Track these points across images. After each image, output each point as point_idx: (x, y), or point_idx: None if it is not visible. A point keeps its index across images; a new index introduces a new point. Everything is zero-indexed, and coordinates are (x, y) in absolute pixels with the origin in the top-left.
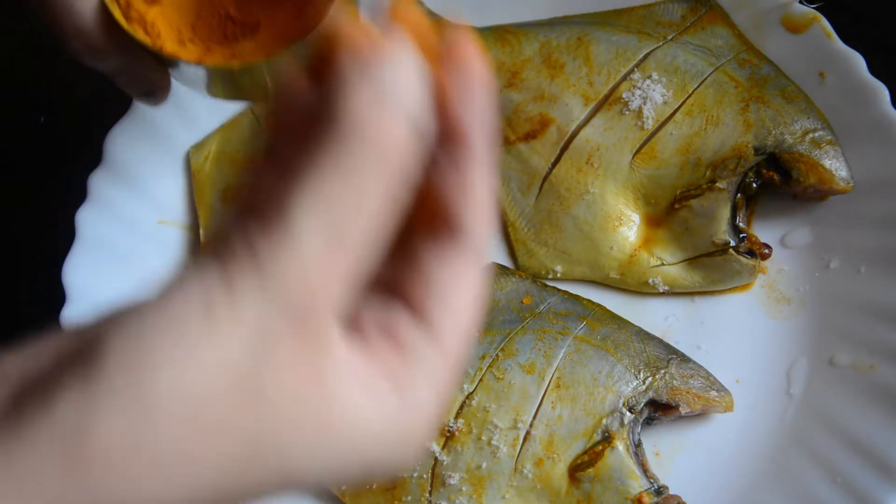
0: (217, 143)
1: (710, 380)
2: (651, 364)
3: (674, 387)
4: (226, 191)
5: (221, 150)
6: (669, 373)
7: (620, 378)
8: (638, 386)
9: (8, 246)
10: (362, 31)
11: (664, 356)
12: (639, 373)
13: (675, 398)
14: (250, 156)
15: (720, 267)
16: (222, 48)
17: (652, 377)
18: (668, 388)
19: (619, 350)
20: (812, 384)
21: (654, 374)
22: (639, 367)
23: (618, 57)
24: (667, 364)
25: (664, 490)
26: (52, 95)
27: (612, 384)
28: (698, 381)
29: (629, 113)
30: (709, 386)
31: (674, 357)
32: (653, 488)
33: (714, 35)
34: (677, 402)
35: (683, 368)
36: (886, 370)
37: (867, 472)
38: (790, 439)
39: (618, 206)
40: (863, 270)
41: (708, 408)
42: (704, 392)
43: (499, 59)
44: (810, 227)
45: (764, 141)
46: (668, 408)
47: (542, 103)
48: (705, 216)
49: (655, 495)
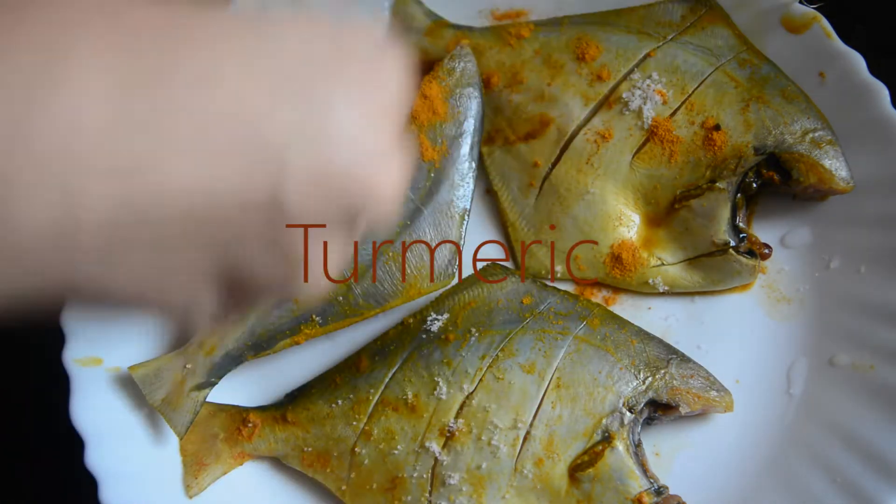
0: None
1: (710, 380)
2: (651, 364)
3: (674, 387)
4: None
5: None
6: (669, 373)
7: (620, 378)
8: (638, 386)
9: None
10: None
11: (664, 356)
12: (639, 373)
13: (675, 398)
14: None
15: (720, 267)
16: None
17: (652, 377)
18: (668, 388)
19: (619, 350)
20: (812, 384)
21: (654, 374)
22: (639, 367)
23: (618, 57)
24: (667, 364)
25: (664, 490)
26: None
27: (612, 384)
28: (698, 381)
29: (629, 113)
30: (709, 386)
31: (674, 357)
32: (653, 488)
33: (714, 35)
34: (677, 402)
35: (683, 368)
36: (886, 370)
37: (867, 472)
38: (790, 439)
39: (618, 206)
40: (863, 270)
41: (708, 408)
42: (704, 392)
43: (499, 59)
44: (810, 227)
45: (764, 141)
46: (668, 408)
47: (542, 103)
48: (705, 216)
49: (655, 495)
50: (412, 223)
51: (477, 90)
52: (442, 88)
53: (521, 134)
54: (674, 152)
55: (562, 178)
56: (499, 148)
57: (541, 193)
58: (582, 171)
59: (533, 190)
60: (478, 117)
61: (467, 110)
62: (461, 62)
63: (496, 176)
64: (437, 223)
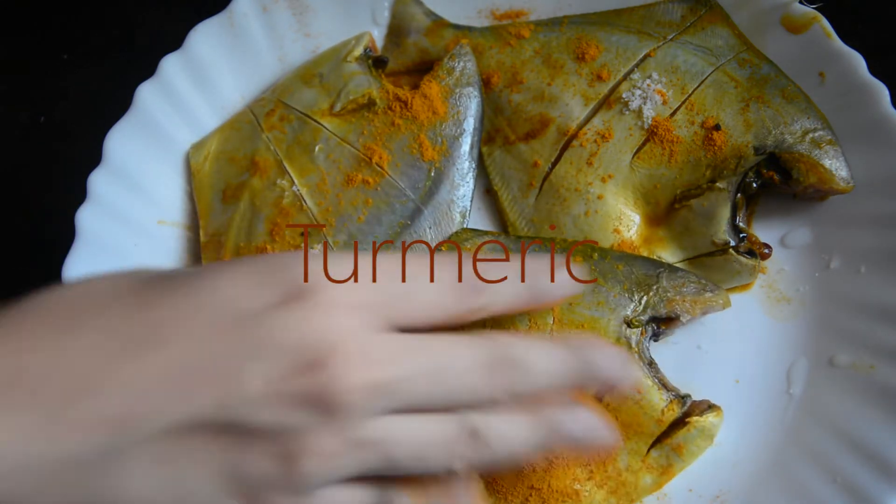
0: (217, 143)
1: (701, 283)
2: (642, 283)
3: (669, 298)
4: (225, 190)
5: (221, 150)
6: (661, 286)
7: (617, 305)
8: (635, 307)
9: (8, 246)
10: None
11: (652, 272)
12: (632, 295)
13: (674, 309)
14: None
15: (720, 267)
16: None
17: (646, 295)
18: (664, 302)
19: (608, 278)
20: (812, 384)
21: (646, 293)
22: (631, 289)
23: (618, 57)
24: (657, 279)
25: (688, 398)
26: (52, 95)
27: (611, 313)
28: (691, 288)
29: (629, 113)
30: (701, 289)
31: (662, 270)
32: (677, 397)
33: (714, 35)
34: (677, 313)
35: (673, 279)
36: (886, 370)
37: (867, 472)
38: (790, 439)
39: (618, 206)
40: (863, 270)
41: (707, 309)
42: (699, 295)
43: (499, 59)
44: (810, 227)
45: (764, 141)
46: (670, 320)
47: (542, 103)
48: (705, 216)
49: (681, 405)
50: (412, 223)
51: (477, 89)
52: (442, 88)
53: (521, 134)
54: (674, 152)
55: (562, 177)
56: (499, 148)
57: (541, 193)
58: (582, 171)
59: (533, 190)
60: (478, 117)
61: (467, 110)
62: (461, 61)
63: (496, 176)
64: (437, 223)
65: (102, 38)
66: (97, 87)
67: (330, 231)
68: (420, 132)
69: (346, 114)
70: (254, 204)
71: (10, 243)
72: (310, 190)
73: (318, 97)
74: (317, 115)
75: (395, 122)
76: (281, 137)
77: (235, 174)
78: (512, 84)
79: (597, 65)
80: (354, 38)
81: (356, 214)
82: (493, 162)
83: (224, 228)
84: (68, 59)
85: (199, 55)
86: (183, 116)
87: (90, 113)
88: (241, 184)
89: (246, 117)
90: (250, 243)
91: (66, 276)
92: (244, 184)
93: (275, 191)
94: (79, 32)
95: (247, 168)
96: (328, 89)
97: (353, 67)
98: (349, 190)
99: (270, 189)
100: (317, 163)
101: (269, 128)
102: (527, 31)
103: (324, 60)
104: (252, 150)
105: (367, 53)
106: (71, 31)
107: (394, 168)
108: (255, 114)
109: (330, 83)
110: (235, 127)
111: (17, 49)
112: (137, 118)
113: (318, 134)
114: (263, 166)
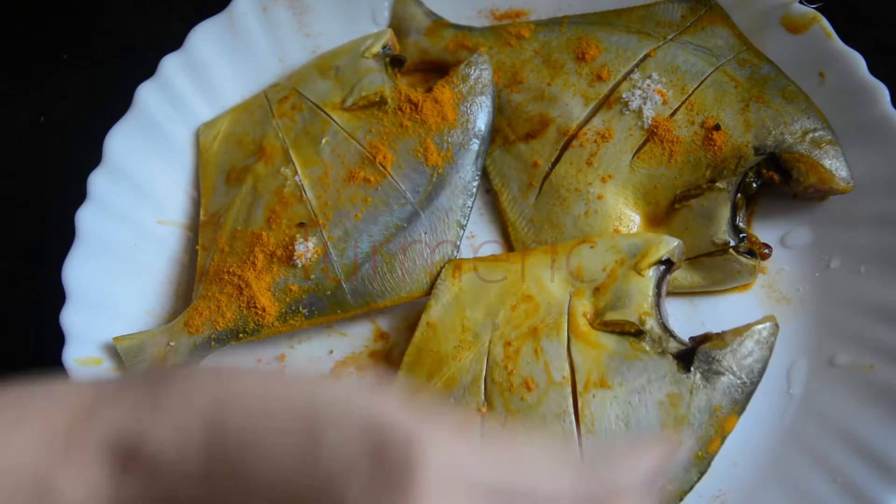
0: (228, 123)
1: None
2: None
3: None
4: (230, 172)
5: (231, 131)
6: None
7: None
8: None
9: (8, 246)
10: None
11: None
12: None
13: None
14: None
15: (720, 267)
16: None
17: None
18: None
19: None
20: (812, 384)
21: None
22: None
23: (618, 57)
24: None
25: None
26: (52, 95)
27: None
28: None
29: (629, 113)
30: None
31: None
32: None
33: (714, 35)
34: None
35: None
36: (886, 370)
37: (867, 472)
38: (790, 439)
39: (618, 206)
40: (863, 270)
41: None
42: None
43: (499, 59)
44: (810, 227)
45: (764, 141)
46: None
47: (542, 103)
48: (705, 216)
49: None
50: (408, 226)
51: (489, 100)
52: (454, 94)
53: (521, 134)
54: (674, 152)
55: (562, 177)
56: (499, 148)
57: (541, 193)
58: (582, 171)
59: (533, 190)
60: (487, 127)
61: (477, 119)
62: (477, 69)
63: (496, 176)
64: (433, 228)
65: (102, 39)
66: (97, 87)
67: (326, 225)
68: (427, 136)
69: (356, 109)
70: (256, 189)
71: (10, 243)
72: (312, 181)
73: (331, 89)
74: (328, 107)
75: (404, 124)
76: (290, 126)
77: (242, 157)
78: (512, 84)
79: (597, 65)
80: (374, 35)
81: (354, 211)
82: (493, 162)
83: (224, 210)
84: (68, 59)
85: (199, 55)
86: (183, 116)
87: (90, 113)
88: (245, 167)
89: (259, 101)
90: (247, 228)
91: (66, 276)
92: (249, 168)
93: (277, 178)
94: (79, 32)
95: (253, 152)
96: (342, 83)
97: (370, 64)
98: (350, 186)
99: (274, 176)
100: (322, 155)
101: (281, 115)
102: (527, 31)
103: (342, 53)
104: (261, 134)
105: (386, 51)
106: (71, 32)
107: (396, 169)
108: (269, 99)
109: (345, 77)
110: (248, 110)
111: (17, 49)
112: (137, 118)
113: (326, 126)
114: (270, 152)
